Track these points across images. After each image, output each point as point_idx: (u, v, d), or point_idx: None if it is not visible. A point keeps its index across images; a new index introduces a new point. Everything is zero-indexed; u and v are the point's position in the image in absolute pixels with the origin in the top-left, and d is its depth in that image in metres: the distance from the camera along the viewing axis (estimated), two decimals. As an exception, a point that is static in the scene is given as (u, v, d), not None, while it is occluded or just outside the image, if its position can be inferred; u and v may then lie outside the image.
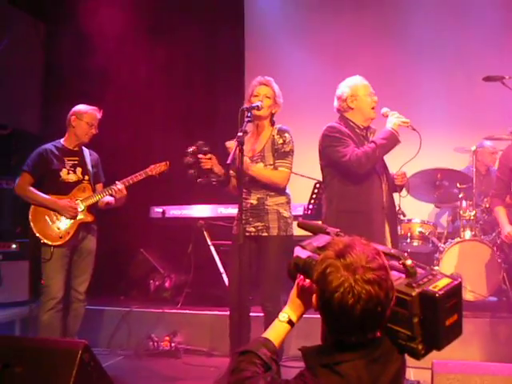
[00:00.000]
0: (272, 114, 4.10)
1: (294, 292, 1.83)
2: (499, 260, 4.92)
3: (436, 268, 5.11)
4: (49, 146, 4.46)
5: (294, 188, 4.35)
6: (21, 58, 6.54)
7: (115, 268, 6.04)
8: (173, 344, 4.94)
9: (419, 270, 1.65)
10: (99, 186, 4.61)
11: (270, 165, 3.98)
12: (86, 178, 4.47)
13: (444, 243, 5.38)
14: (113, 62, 6.35)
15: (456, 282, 1.62)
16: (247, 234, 3.85)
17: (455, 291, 1.62)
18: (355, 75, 3.92)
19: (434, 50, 6.74)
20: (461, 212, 5.39)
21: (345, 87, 3.85)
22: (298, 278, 1.80)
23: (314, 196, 5.00)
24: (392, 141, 3.64)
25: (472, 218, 5.29)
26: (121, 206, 4.54)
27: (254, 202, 3.98)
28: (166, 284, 5.88)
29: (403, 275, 1.64)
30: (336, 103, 3.89)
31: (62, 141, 4.52)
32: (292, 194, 4.17)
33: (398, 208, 4.39)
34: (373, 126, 3.91)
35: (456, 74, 6.60)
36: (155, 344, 4.95)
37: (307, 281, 1.76)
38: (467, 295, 4.95)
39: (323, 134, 3.80)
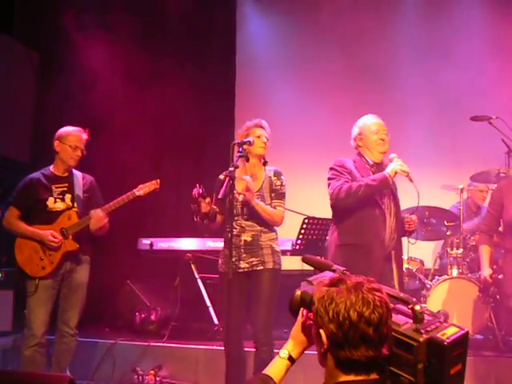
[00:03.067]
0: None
1: (296, 327, 1.82)
2: (485, 298, 4.94)
3: (423, 305, 5.12)
4: (36, 174, 4.33)
5: (284, 223, 4.38)
6: (12, 86, 6.55)
7: (101, 299, 5.96)
8: (158, 378, 4.85)
9: (426, 317, 1.66)
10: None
11: (268, 204, 4.08)
12: (76, 204, 4.30)
13: (431, 280, 5.40)
14: (104, 95, 6.38)
15: (463, 332, 1.63)
16: (240, 270, 3.93)
17: (462, 340, 1.62)
18: (368, 114, 4.06)
19: (420, 92, 6.89)
20: (448, 249, 5.44)
21: (355, 126, 4.03)
22: (302, 313, 1.80)
23: (303, 231, 5.02)
24: (381, 184, 3.74)
25: (459, 255, 5.33)
26: (101, 234, 4.33)
27: (249, 239, 4.01)
28: (152, 317, 5.82)
29: (410, 320, 1.64)
30: (352, 142, 4.07)
31: (50, 168, 4.37)
32: (281, 228, 4.23)
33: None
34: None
35: (443, 115, 6.74)
36: (140, 378, 4.87)
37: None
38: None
39: (329, 167, 3.95)
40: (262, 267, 3.98)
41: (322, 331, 1.62)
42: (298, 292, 1.80)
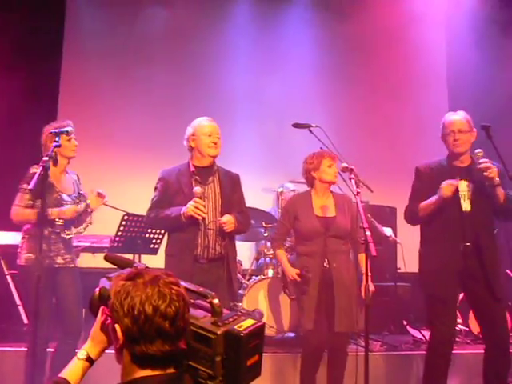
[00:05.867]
0: None
1: (96, 326, 1.73)
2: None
3: (239, 304, 5.24)
4: None
5: (102, 219, 4.27)
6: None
7: None
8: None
9: (225, 311, 1.66)
10: None
11: None
12: None
13: (248, 280, 5.54)
14: None
15: (260, 324, 1.65)
16: (56, 265, 3.92)
17: (258, 332, 1.64)
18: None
19: (248, 97, 7.09)
20: (265, 250, 5.62)
21: (190, 127, 3.99)
22: (102, 311, 1.71)
23: (122, 228, 4.88)
24: (175, 221, 3.77)
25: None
26: None
27: (71, 237, 4.06)
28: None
29: (209, 314, 1.64)
30: (185, 142, 4.01)
31: None
32: (99, 225, 4.24)
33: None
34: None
35: (266, 120, 6.99)
36: None
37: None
38: (267, 330, 5.13)
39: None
40: (73, 264, 4.04)
41: (117, 326, 1.56)
42: (97, 289, 1.73)
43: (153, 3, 7.09)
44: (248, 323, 1.62)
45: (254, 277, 5.57)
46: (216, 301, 1.63)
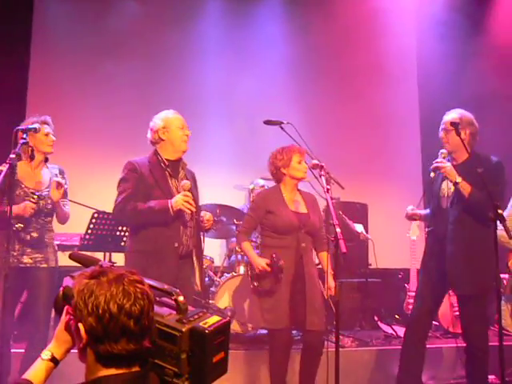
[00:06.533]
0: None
1: (60, 326, 1.71)
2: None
3: (211, 302, 5.23)
4: None
5: (71, 217, 4.25)
6: None
7: None
8: None
9: (190, 308, 1.66)
10: None
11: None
12: None
13: (220, 277, 5.52)
14: None
15: (225, 320, 1.65)
16: (22, 265, 3.87)
17: (224, 329, 1.64)
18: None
19: (219, 93, 7.08)
20: (237, 248, 5.61)
21: (157, 119, 3.84)
22: (66, 310, 1.69)
23: (92, 226, 4.83)
24: (161, 213, 3.63)
25: (247, 253, 5.50)
26: None
27: (35, 235, 3.95)
28: None
29: (174, 312, 1.63)
30: (151, 135, 3.86)
31: None
32: (69, 223, 4.21)
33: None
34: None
35: (238, 117, 6.98)
36: None
37: None
38: (239, 328, 5.14)
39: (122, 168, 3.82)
40: (45, 265, 3.98)
41: (80, 325, 1.54)
42: (61, 289, 1.70)
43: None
44: (213, 320, 1.62)
45: (225, 274, 5.56)
46: (181, 298, 1.62)
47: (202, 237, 4.06)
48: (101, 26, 6.91)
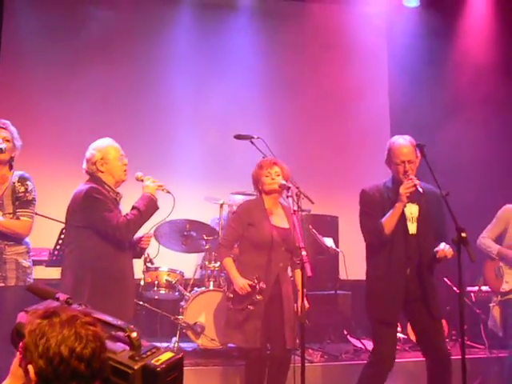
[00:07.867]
0: (11, 158, 3.92)
1: (16, 361, 1.66)
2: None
3: (180, 317, 5.21)
4: None
5: (40, 231, 4.18)
6: None
7: None
8: None
9: (144, 343, 1.65)
10: None
11: (10, 213, 3.82)
12: None
13: (190, 292, 5.50)
14: None
15: (177, 357, 1.65)
16: None
17: (176, 365, 1.64)
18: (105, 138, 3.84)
19: (191, 105, 7.08)
20: (206, 263, 5.62)
21: (93, 150, 3.74)
22: (20, 346, 1.66)
23: (61, 241, 4.77)
24: (150, 207, 3.69)
25: (216, 268, 5.53)
26: None
27: None
28: None
29: (128, 347, 1.62)
30: (87, 166, 3.77)
31: None
32: (38, 237, 4.10)
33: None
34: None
35: (209, 130, 6.98)
36: None
37: None
38: (209, 343, 5.15)
39: (85, 195, 3.63)
40: (3, 284, 3.79)
41: (30, 367, 1.52)
42: (15, 324, 1.69)
43: (94, 3, 6.93)
44: (166, 357, 1.61)
45: (196, 288, 5.55)
46: (134, 334, 1.61)
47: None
48: (71, 31, 6.76)
